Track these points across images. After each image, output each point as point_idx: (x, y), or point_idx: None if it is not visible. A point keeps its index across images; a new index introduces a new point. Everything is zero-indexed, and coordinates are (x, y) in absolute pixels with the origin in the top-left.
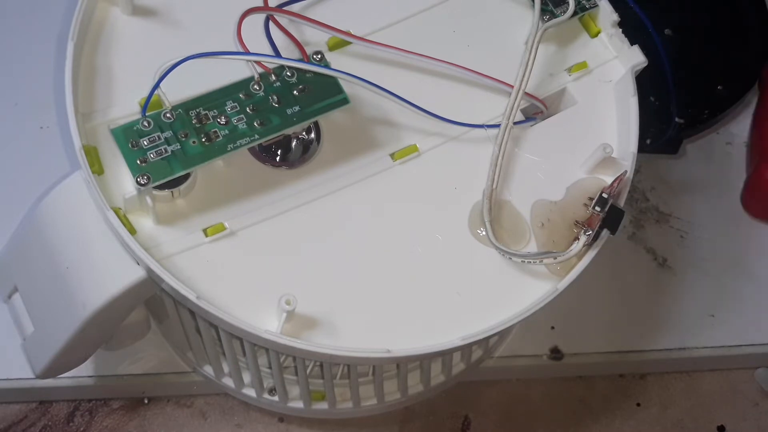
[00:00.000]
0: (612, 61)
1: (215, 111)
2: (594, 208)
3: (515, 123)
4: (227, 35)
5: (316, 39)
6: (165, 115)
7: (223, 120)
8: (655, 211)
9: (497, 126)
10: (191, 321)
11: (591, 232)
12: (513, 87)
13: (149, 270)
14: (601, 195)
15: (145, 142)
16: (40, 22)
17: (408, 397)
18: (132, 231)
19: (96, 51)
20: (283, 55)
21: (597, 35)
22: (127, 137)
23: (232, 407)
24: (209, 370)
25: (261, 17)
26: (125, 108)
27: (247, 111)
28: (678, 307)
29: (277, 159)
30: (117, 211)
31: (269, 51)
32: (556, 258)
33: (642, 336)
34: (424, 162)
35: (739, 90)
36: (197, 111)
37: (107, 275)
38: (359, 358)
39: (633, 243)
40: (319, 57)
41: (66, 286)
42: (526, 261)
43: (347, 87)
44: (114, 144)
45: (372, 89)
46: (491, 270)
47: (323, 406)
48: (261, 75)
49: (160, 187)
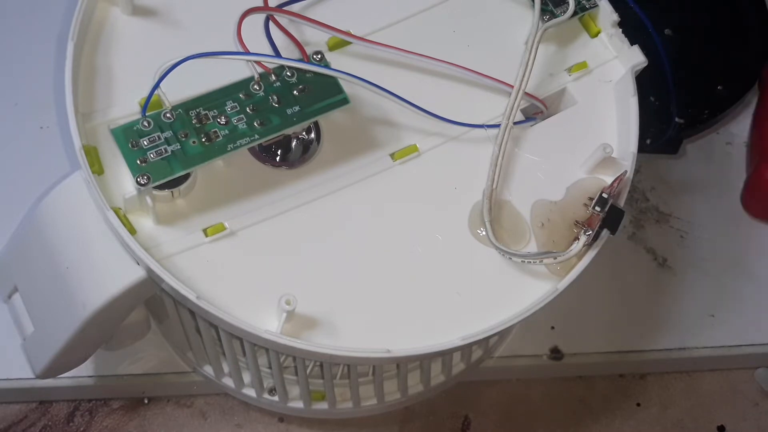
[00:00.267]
0: (612, 61)
1: (215, 111)
2: (594, 208)
3: (515, 123)
4: (227, 35)
5: (316, 39)
6: (165, 115)
7: (223, 120)
8: (655, 211)
9: (497, 126)
10: (191, 321)
11: (591, 232)
12: (513, 87)
13: (149, 270)
14: (601, 195)
15: (145, 142)
16: (40, 22)
17: (408, 397)
18: (132, 231)
19: (96, 51)
20: (283, 55)
21: (597, 35)
22: (127, 137)
23: (232, 407)
24: (209, 370)
25: (261, 17)
26: (125, 108)
27: (247, 111)
28: (678, 307)
29: (277, 159)
30: (117, 211)
31: (269, 51)
32: (556, 258)
33: (642, 336)
34: (424, 162)
35: (739, 90)
36: (197, 111)
37: (107, 275)
38: (359, 358)
39: (633, 243)
40: (319, 57)
41: (66, 286)
42: (526, 261)
43: (347, 87)
44: (114, 144)
45: (372, 89)
46: (491, 270)
47: (323, 406)
48: (261, 75)
49: (160, 187)
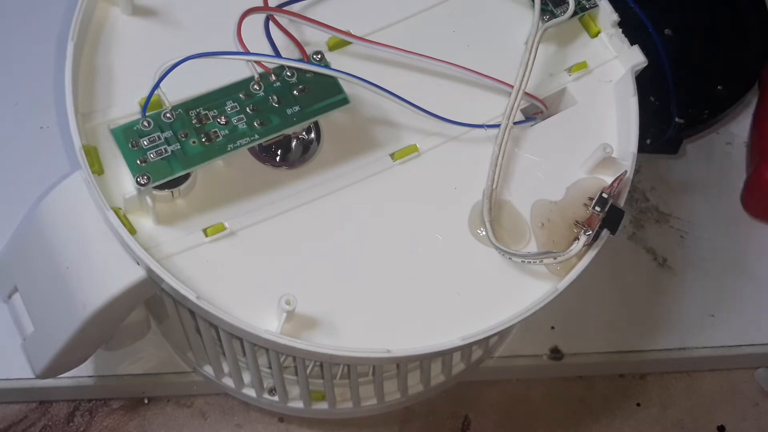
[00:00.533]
0: (612, 61)
1: (215, 111)
2: (594, 208)
3: (515, 123)
4: (227, 35)
5: (316, 39)
6: (165, 115)
7: (223, 120)
8: (655, 211)
9: (497, 126)
10: (191, 321)
11: (591, 232)
12: (513, 87)
13: (149, 270)
14: (601, 195)
15: (145, 142)
16: (40, 22)
17: (408, 397)
18: (132, 231)
19: (96, 51)
20: (283, 55)
21: (597, 35)
22: (127, 137)
23: (232, 407)
24: (209, 370)
25: (261, 17)
26: (125, 108)
27: (247, 111)
28: (678, 307)
29: (277, 159)
30: (117, 211)
31: (269, 51)
32: (556, 258)
33: (642, 336)
34: (424, 162)
35: (739, 90)
36: (197, 111)
37: (107, 275)
38: (359, 358)
39: (633, 243)
40: (319, 57)
41: (66, 286)
42: (526, 261)
43: (347, 87)
44: (114, 144)
45: (372, 89)
46: (491, 270)
47: (323, 406)
48: (261, 75)
49: (160, 187)
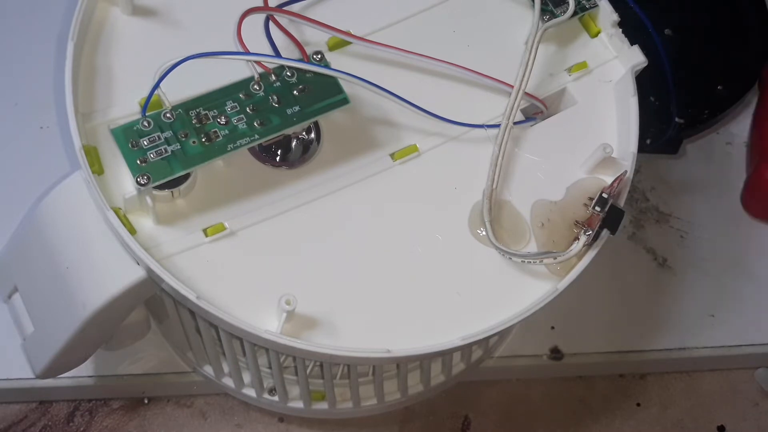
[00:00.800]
0: (612, 61)
1: (215, 111)
2: (594, 208)
3: (515, 123)
4: (227, 35)
5: (316, 39)
6: (165, 115)
7: (223, 120)
8: (655, 211)
9: (497, 126)
10: (191, 321)
11: (591, 232)
12: (513, 87)
13: (149, 270)
14: (601, 195)
15: (145, 142)
16: (40, 22)
17: (408, 397)
18: (132, 231)
19: (96, 51)
20: (283, 55)
21: (597, 35)
22: (127, 137)
23: (232, 407)
24: (209, 370)
25: (261, 17)
26: (125, 108)
27: (247, 111)
28: (678, 307)
29: (277, 159)
30: (117, 211)
31: (269, 51)
32: (556, 258)
33: (642, 336)
34: (424, 162)
35: (739, 90)
36: (197, 111)
37: (107, 275)
38: (359, 358)
39: (633, 243)
40: (319, 57)
41: (66, 286)
42: (526, 261)
43: (347, 87)
44: (114, 144)
45: (372, 89)
46: (491, 270)
47: (323, 406)
48: (261, 75)
49: (160, 187)
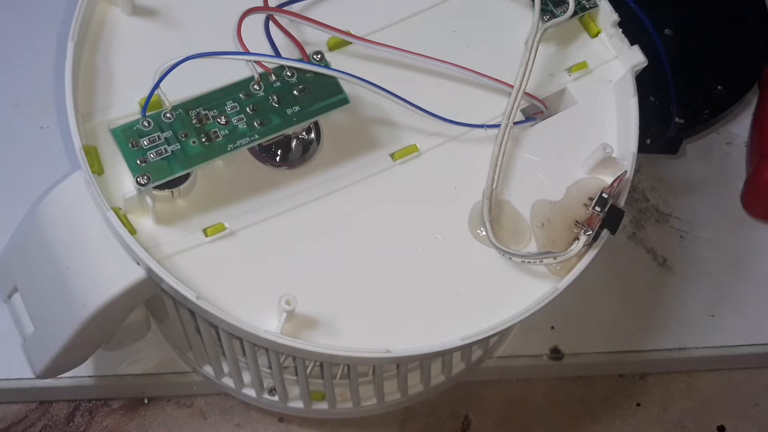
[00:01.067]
0: (612, 61)
1: (215, 111)
2: (594, 208)
3: (515, 123)
4: (227, 35)
5: (316, 39)
6: (165, 115)
7: (223, 120)
8: (655, 211)
9: (497, 126)
10: (191, 321)
11: (591, 232)
12: (513, 87)
13: (149, 270)
14: (601, 195)
15: (145, 142)
16: (40, 22)
17: (408, 397)
18: (132, 231)
19: (96, 51)
20: (283, 55)
21: (597, 35)
22: (127, 137)
23: (232, 407)
24: (209, 370)
25: (261, 17)
26: (125, 108)
27: (247, 111)
28: (678, 307)
29: (277, 159)
30: (117, 211)
31: (269, 51)
32: (556, 258)
33: (642, 336)
34: (424, 162)
35: (739, 90)
36: (197, 111)
37: (107, 275)
38: (359, 358)
39: (633, 243)
40: (319, 57)
41: (66, 286)
42: (526, 261)
43: (347, 87)
44: (114, 144)
45: (372, 89)
46: (491, 270)
47: (323, 406)
48: (261, 75)
49: (160, 187)
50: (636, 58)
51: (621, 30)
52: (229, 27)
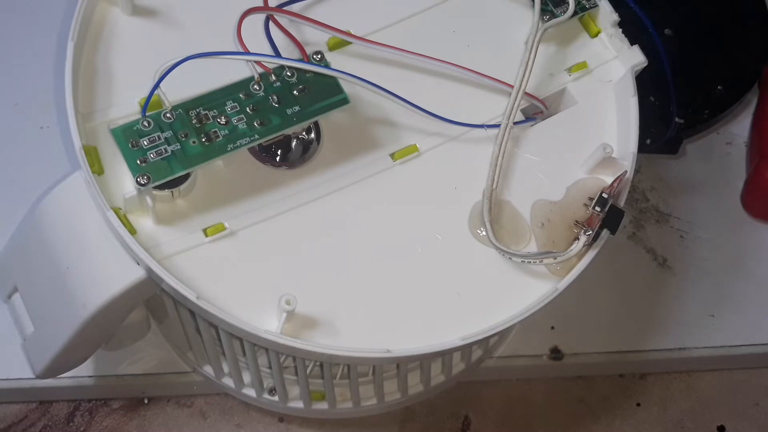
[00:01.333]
0: (612, 61)
1: (215, 111)
2: (594, 208)
3: (515, 123)
4: (227, 35)
5: (316, 39)
6: (165, 115)
7: (223, 120)
8: (655, 211)
9: (497, 126)
10: (191, 321)
11: (591, 232)
12: (513, 87)
13: (149, 270)
14: (601, 195)
15: (145, 142)
16: (40, 22)
17: (408, 397)
18: (132, 231)
19: (96, 51)
20: (283, 55)
21: (597, 35)
22: (127, 137)
23: (232, 407)
24: (209, 370)
25: (261, 17)
26: (125, 108)
27: (247, 111)
28: (678, 307)
29: (277, 159)
30: (117, 211)
31: (269, 51)
32: (556, 258)
33: (642, 336)
34: (424, 162)
35: (739, 90)
36: (197, 111)
37: (107, 275)
38: (359, 358)
39: (633, 243)
40: (319, 57)
41: (66, 286)
42: (526, 261)
43: (347, 87)
44: (114, 144)
45: (372, 89)
46: (491, 270)
47: (323, 406)
48: (261, 75)
49: (160, 187)
50: (636, 58)
51: (621, 30)
52: (229, 27)
